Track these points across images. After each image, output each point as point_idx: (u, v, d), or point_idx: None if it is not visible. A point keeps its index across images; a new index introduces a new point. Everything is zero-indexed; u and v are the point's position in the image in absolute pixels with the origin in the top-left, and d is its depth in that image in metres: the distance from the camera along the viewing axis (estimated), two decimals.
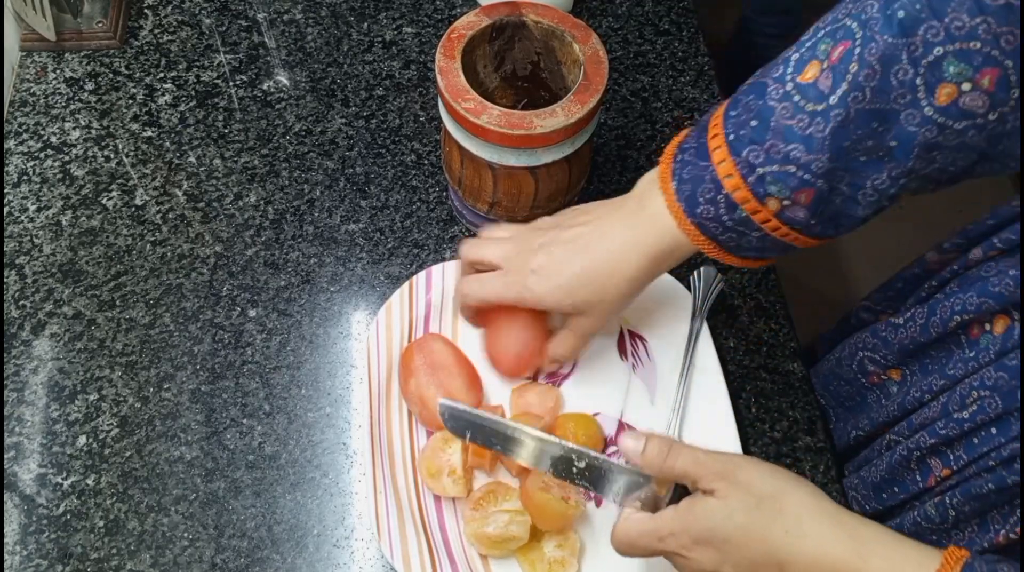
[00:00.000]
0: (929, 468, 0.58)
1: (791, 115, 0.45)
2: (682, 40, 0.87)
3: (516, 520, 0.55)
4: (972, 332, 0.57)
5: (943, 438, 0.56)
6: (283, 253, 0.71)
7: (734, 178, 0.47)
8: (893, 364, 0.64)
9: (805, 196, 0.45)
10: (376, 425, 0.60)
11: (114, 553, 0.58)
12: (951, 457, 0.56)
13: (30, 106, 0.78)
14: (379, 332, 0.64)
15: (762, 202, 0.47)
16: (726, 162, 0.47)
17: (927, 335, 0.60)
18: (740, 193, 0.47)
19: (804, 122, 0.44)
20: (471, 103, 0.59)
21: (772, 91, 0.46)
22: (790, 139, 0.45)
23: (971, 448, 0.54)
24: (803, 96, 0.44)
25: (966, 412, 0.54)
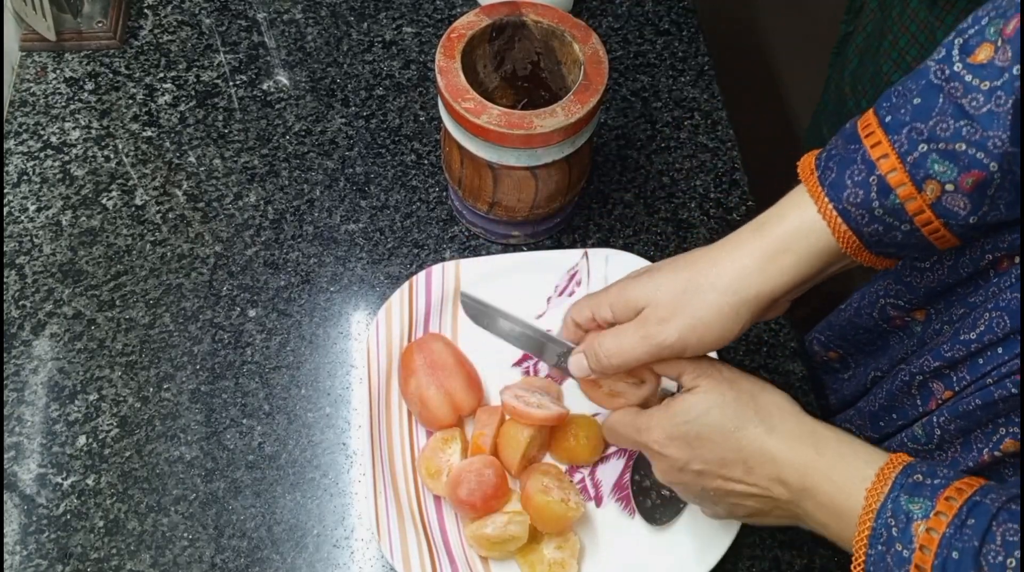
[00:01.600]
0: (931, 392, 0.56)
1: (963, 94, 0.41)
2: (682, 40, 0.87)
3: (515, 520, 0.56)
4: (1001, 265, 0.53)
5: (947, 361, 0.54)
6: (283, 253, 0.71)
7: (890, 158, 0.43)
8: (917, 306, 0.61)
9: (972, 179, 0.41)
10: (376, 425, 0.60)
11: (114, 553, 0.58)
12: (954, 379, 0.54)
13: (30, 106, 0.78)
14: (379, 332, 0.64)
15: (920, 188, 0.42)
16: (881, 143, 0.43)
17: (955, 276, 0.56)
18: (895, 175, 0.42)
19: (979, 100, 0.40)
20: (471, 103, 0.59)
21: (935, 71, 0.42)
22: (961, 116, 0.41)
23: (975, 368, 0.52)
24: (976, 75, 0.41)
25: (974, 333, 0.52)
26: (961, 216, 0.43)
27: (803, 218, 0.46)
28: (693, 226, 0.75)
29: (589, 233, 0.74)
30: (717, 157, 0.79)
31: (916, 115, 0.42)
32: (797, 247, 0.46)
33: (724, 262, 0.47)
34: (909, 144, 0.42)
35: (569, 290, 0.68)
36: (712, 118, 0.82)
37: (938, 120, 0.42)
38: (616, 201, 0.76)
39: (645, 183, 0.77)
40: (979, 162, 0.41)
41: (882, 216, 0.44)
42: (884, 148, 0.43)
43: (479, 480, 0.56)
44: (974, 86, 0.41)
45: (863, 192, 0.44)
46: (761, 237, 0.47)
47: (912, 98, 0.43)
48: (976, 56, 0.41)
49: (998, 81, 0.40)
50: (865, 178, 0.44)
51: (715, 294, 0.47)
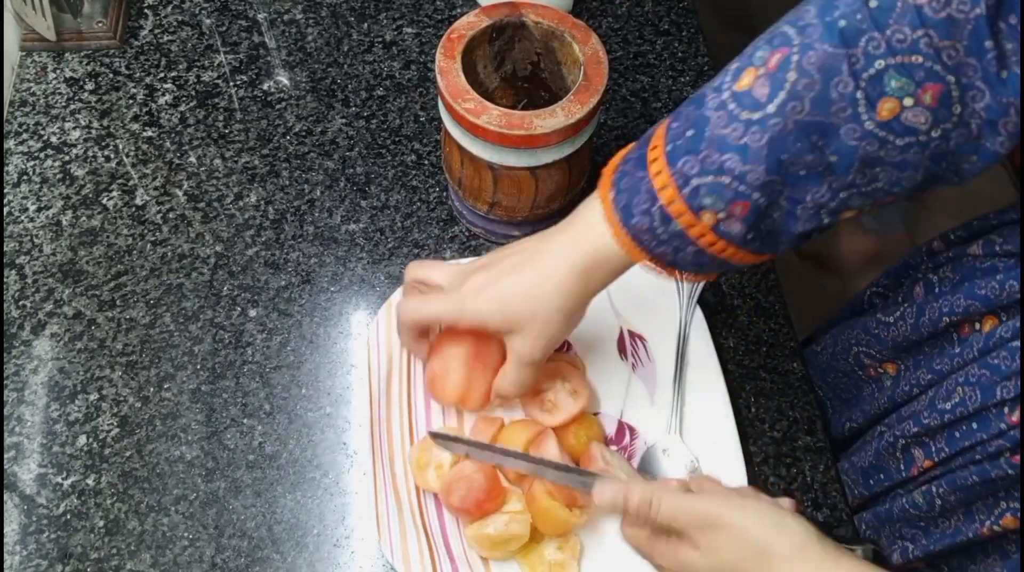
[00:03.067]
0: (912, 458, 0.59)
1: (726, 124, 0.43)
2: (682, 40, 0.87)
3: (516, 519, 0.56)
4: (963, 330, 0.58)
5: (925, 428, 0.56)
6: (283, 253, 0.71)
7: (669, 190, 0.45)
8: (888, 358, 0.65)
9: (741, 209, 0.44)
10: (376, 425, 0.60)
11: (114, 553, 0.58)
12: (932, 449, 0.57)
13: (30, 106, 0.78)
14: (379, 332, 0.64)
15: (697, 215, 0.45)
16: (662, 173, 0.46)
17: (918, 333, 0.60)
18: (675, 206, 0.45)
19: (739, 131, 0.43)
20: (471, 103, 0.60)
21: (709, 100, 0.45)
22: (724, 149, 0.43)
23: (952, 441, 0.55)
24: (738, 104, 0.43)
25: (948, 404, 0.55)
26: (739, 235, 0.46)
27: (602, 238, 0.50)
28: None
29: None
30: None
31: (689, 148, 0.45)
32: (608, 263, 0.50)
33: (551, 283, 0.51)
34: (684, 179, 0.45)
35: None
36: None
37: (706, 154, 0.44)
38: None
39: None
40: (743, 194, 0.44)
41: (668, 240, 0.47)
42: (664, 178, 0.46)
43: (469, 486, 0.56)
44: (735, 115, 0.43)
45: (648, 220, 0.47)
46: (576, 253, 0.50)
47: (688, 128, 0.45)
48: (741, 82, 0.44)
49: (756, 114, 0.42)
50: (648, 208, 0.47)
51: (546, 317, 0.52)
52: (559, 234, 0.52)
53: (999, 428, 0.52)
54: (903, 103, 0.40)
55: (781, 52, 0.42)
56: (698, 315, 0.66)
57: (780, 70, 0.42)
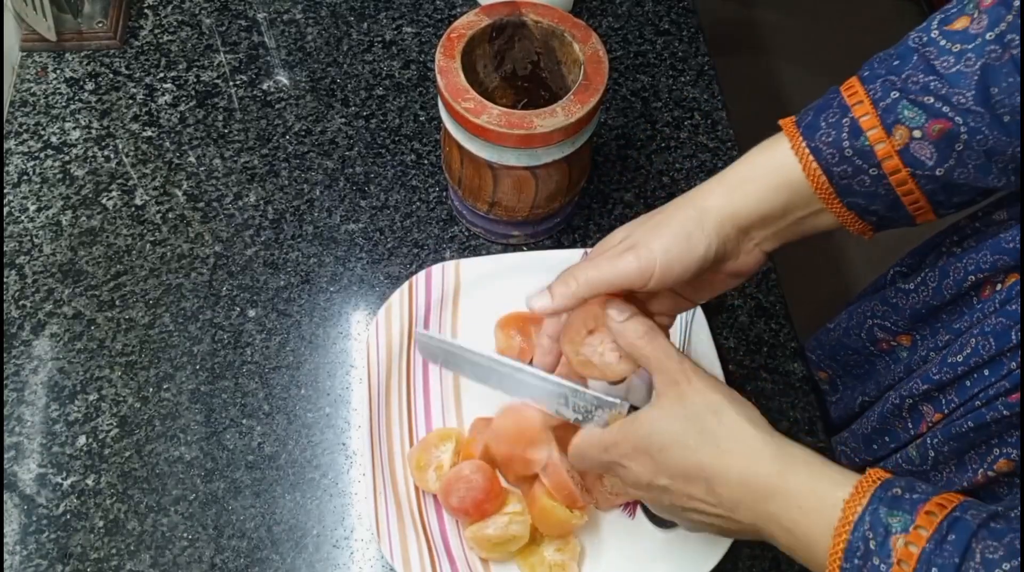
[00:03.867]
0: (921, 415, 0.57)
1: (936, 56, 0.43)
2: (682, 40, 0.87)
3: (516, 520, 0.55)
4: (984, 292, 0.56)
5: (936, 384, 0.55)
6: (283, 253, 0.71)
7: (864, 104, 0.45)
8: (904, 329, 0.63)
9: (939, 128, 0.43)
10: (376, 425, 0.60)
11: (114, 553, 0.58)
12: (943, 401, 0.55)
13: (30, 106, 0.78)
14: (379, 332, 0.64)
15: (889, 132, 0.45)
16: (857, 91, 0.46)
17: (940, 297, 0.58)
18: (868, 119, 0.45)
19: (950, 62, 0.43)
20: (471, 103, 0.59)
21: (914, 38, 0.45)
22: (930, 72, 0.43)
23: (963, 391, 0.53)
24: (950, 40, 0.43)
25: (960, 356, 0.53)
26: (928, 166, 0.45)
27: (772, 156, 0.48)
28: None
29: (589, 233, 0.74)
30: (717, 157, 0.79)
31: (891, 70, 0.45)
32: (763, 178, 0.48)
33: (691, 194, 0.49)
34: (882, 92, 0.45)
35: None
36: (712, 118, 0.82)
37: (911, 74, 0.44)
38: (616, 201, 0.76)
39: (645, 183, 0.77)
40: (944, 114, 0.43)
41: (851, 157, 0.46)
42: (859, 95, 0.46)
43: (468, 487, 0.56)
44: (946, 48, 0.43)
45: (835, 132, 0.46)
46: (728, 172, 0.49)
47: (891, 60, 0.46)
48: (953, 25, 0.44)
49: (970, 45, 0.43)
50: (838, 120, 0.46)
51: (681, 213, 0.48)
52: (721, 172, 0.49)
53: (1009, 369, 0.50)
54: None
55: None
56: (698, 315, 0.66)
57: (999, 6, 0.42)
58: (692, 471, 0.45)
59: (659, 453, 0.45)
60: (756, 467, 0.43)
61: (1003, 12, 0.42)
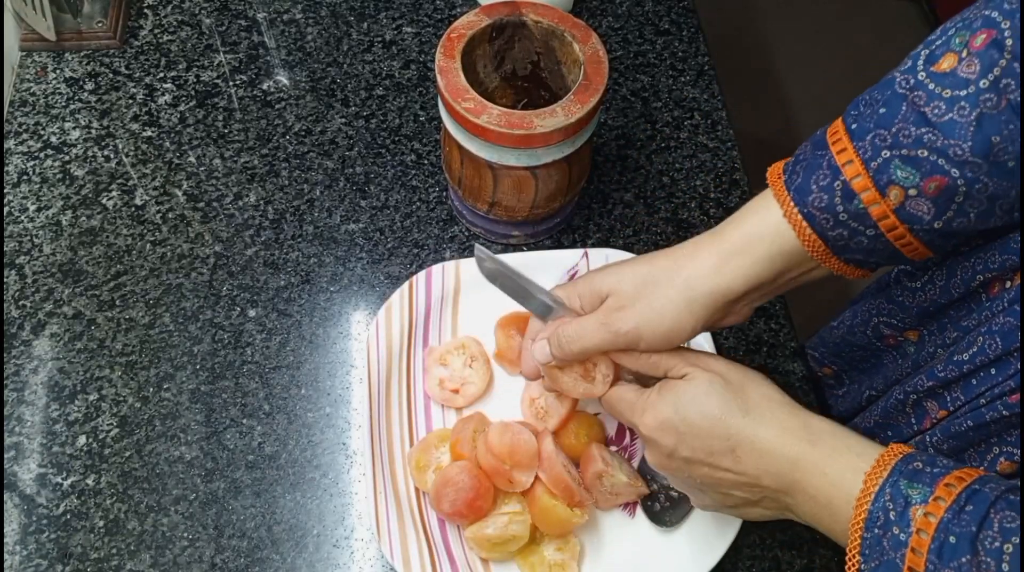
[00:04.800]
0: (925, 411, 0.57)
1: (926, 103, 0.42)
2: (682, 40, 0.87)
3: (516, 520, 0.55)
4: (992, 289, 0.55)
5: (941, 381, 0.55)
6: (283, 253, 0.71)
7: (854, 164, 0.44)
8: (911, 326, 0.62)
9: (936, 185, 0.42)
10: (376, 425, 0.60)
11: (114, 553, 0.58)
12: (948, 399, 0.55)
13: (30, 106, 0.78)
14: (379, 332, 0.64)
15: (883, 193, 0.43)
16: (847, 149, 0.44)
17: (948, 295, 0.58)
18: (860, 181, 0.43)
19: (942, 108, 0.41)
20: (471, 103, 0.59)
21: (900, 82, 0.43)
22: (923, 124, 0.42)
23: (969, 389, 0.53)
24: (939, 84, 0.41)
25: (967, 354, 0.53)
26: (925, 221, 0.44)
27: (763, 222, 0.48)
28: (693, 226, 0.75)
29: (589, 233, 0.74)
30: (717, 157, 0.79)
31: (880, 122, 0.43)
32: (753, 250, 0.47)
33: (682, 260, 0.49)
34: (873, 150, 0.43)
35: None
36: (712, 118, 0.82)
37: (901, 127, 0.43)
38: (616, 201, 0.76)
39: (645, 183, 0.77)
40: (941, 168, 0.42)
41: (847, 221, 0.45)
42: (849, 154, 0.44)
43: (457, 488, 0.56)
44: (936, 94, 0.42)
45: (827, 197, 0.45)
46: (720, 240, 0.49)
47: (878, 107, 0.44)
48: (940, 65, 0.42)
49: (962, 91, 0.41)
50: (830, 183, 0.45)
51: (670, 288, 0.48)
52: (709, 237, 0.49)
53: (1015, 369, 0.50)
54: None
55: (986, 33, 0.40)
56: None
57: (990, 48, 0.40)
58: (718, 443, 0.46)
59: (683, 426, 0.46)
60: (784, 436, 0.45)
61: (996, 56, 0.40)
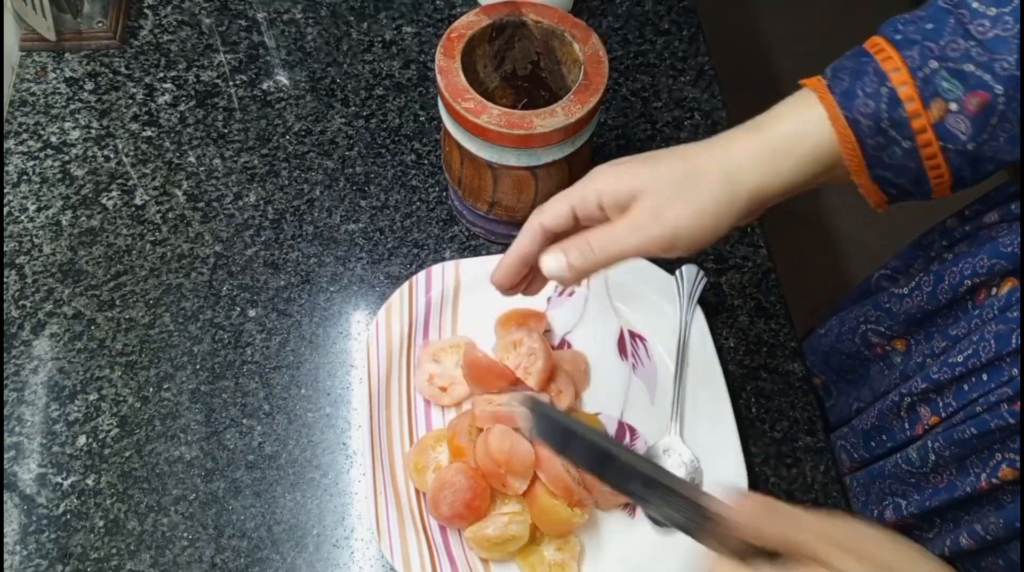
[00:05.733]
0: (918, 416, 0.58)
1: (970, 20, 0.42)
2: (682, 40, 0.87)
3: (516, 520, 0.55)
4: (979, 297, 0.56)
5: (935, 383, 0.55)
6: (283, 253, 0.71)
7: (902, 72, 0.43)
8: (898, 334, 0.63)
9: (977, 101, 0.42)
10: (376, 425, 0.60)
11: (114, 553, 0.58)
12: (940, 404, 0.55)
13: (30, 106, 0.78)
14: (379, 332, 0.64)
15: (927, 105, 0.43)
16: (893, 58, 0.44)
17: (935, 302, 0.58)
18: (906, 89, 0.43)
19: (985, 25, 0.42)
20: (471, 103, 0.59)
21: (941, 2, 0.44)
22: (970, 38, 0.42)
23: (961, 395, 0.53)
24: (981, 2, 0.42)
25: (960, 356, 0.53)
26: (961, 140, 0.43)
27: (805, 122, 0.45)
28: None
29: None
30: None
31: (928, 35, 0.43)
32: (796, 149, 0.45)
33: (721, 154, 0.46)
34: (921, 60, 0.43)
35: (569, 290, 0.68)
36: (712, 118, 0.82)
37: (949, 40, 0.43)
38: None
39: None
40: (985, 84, 0.42)
41: (887, 128, 0.44)
42: (896, 63, 0.43)
43: (454, 492, 0.56)
44: (980, 12, 0.42)
45: (873, 103, 0.44)
46: (759, 136, 0.46)
47: (923, 23, 0.44)
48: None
49: (1006, 8, 0.41)
50: (876, 90, 0.44)
51: (712, 184, 0.44)
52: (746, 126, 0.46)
53: (1010, 375, 0.50)
54: None
55: None
56: (698, 315, 0.66)
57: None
58: None
59: None
60: None
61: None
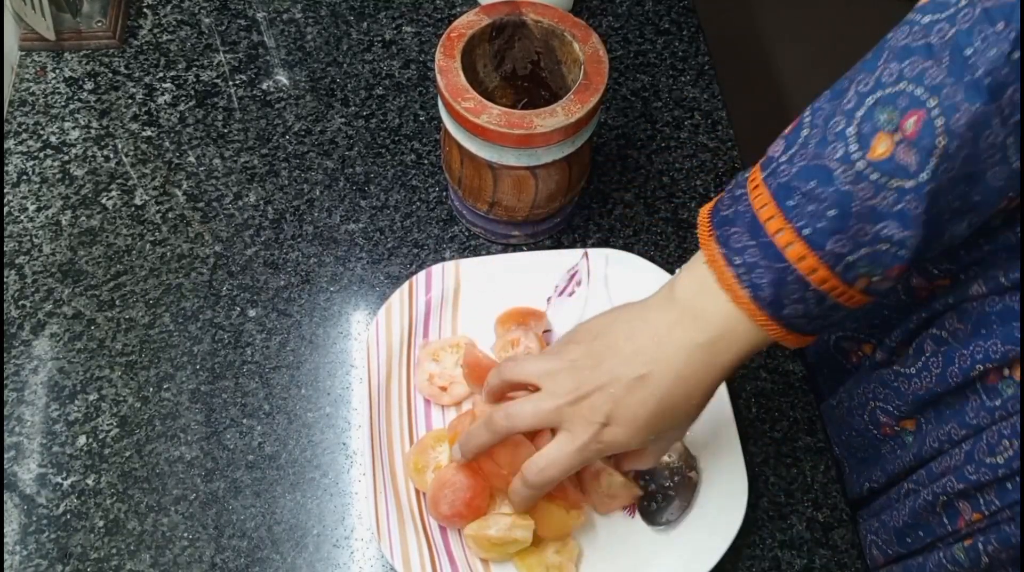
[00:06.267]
0: (957, 511, 0.56)
1: (873, 195, 0.42)
2: (682, 40, 0.87)
3: (519, 525, 0.55)
4: (989, 379, 0.55)
5: (973, 484, 0.54)
6: (283, 253, 0.71)
7: (820, 271, 0.44)
8: (907, 414, 0.62)
9: (898, 270, 0.44)
10: (376, 425, 0.60)
11: (114, 553, 0.58)
12: (982, 502, 0.54)
13: (29, 106, 0.78)
14: (379, 332, 0.64)
15: (851, 285, 0.44)
16: (808, 258, 0.44)
17: (944, 385, 0.57)
18: (829, 284, 0.44)
19: (891, 199, 0.42)
20: (471, 103, 0.59)
21: (840, 175, 0.43)
22: (878, 219, 0.42)
23: (1004, 493, 0.52)
24: (882, 174, 0.42)
25: (1000, 457, 0.52)
26: (885, 290, 0.45)
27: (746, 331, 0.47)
28: (693, 226, 0.75)
29: (589, 233, 0.74)
30: (717, 157, 0.79)
31: (836, 226, 0.43)
32: (747, 355, 0.48)
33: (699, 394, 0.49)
34: (836, 257, 0.43)
35: (569, 290, 0.68)
36: (712, 118, 0.82)
37: (859, 227, 0.42)
38: (616, 201, 0.76)
39: (645, 183, 0.77)
40: (902, 258, 0.43)
41: (821, 314, 0.46)
42: (812, 263, 0.44)
43: (454, 490, 0.56)
44: (883, 184, 0.41)
45: (803, 307, 0.45)
46: (721, 359, 0.48)
47: (827, 210, 0.43)
48: (875, 151, 0.42)
49: (908, 182, 0.41)
50: (802, 295, 0.44)
51: (693, 417, 0.51)
52: (683, 336, 0.48)
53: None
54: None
55: (916, 115, 0.41)
56: None
57: (924, 136, 0.40)
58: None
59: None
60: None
61: (930, 142, 0.40)
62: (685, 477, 0.60)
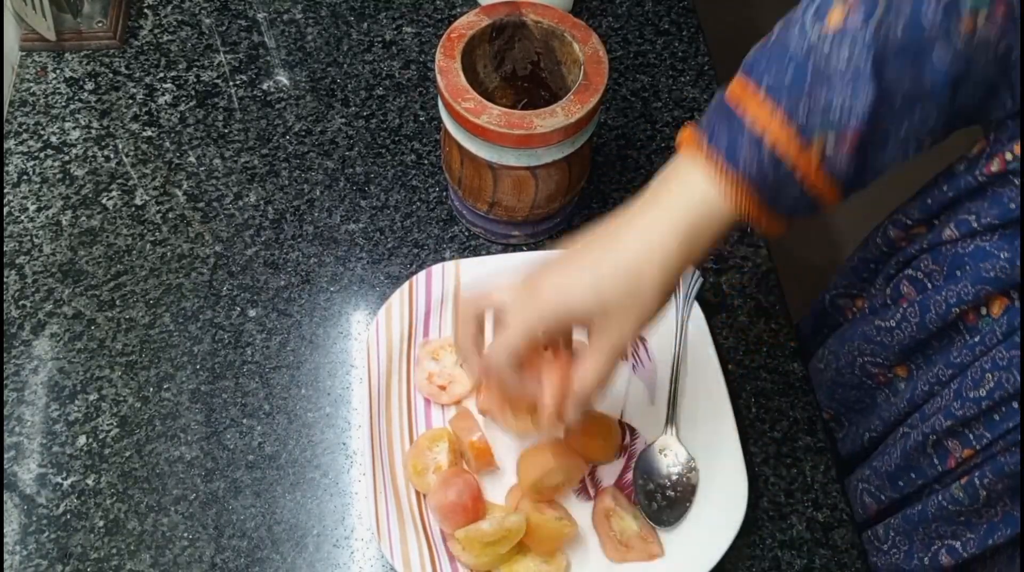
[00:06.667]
0: (947, 450, 0.57)
1: (827, 56, 0.44)
2: (682, 40, 0.87)
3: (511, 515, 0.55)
4: (968, 318, 0.56)
5: (959, 419, 0.55)
6: (283, 253, 0.71)
7: (776, 131, 0.45)
8: (897, 362, 0.63)
9: (852, 136, 0.44)
10: (376, 425, 0.60)
11: (114, 553, 0.58)
12: (971, 437, 0.55)
13: (30, 106, 0.78)
14: (379, 332, 0.64)
15: (807, 148, 0.45)
16: (763, 116, 0.45)
17: (925, 331, 0.59)
18: (782, 146, 0.45)
19: (842, 59, 0.44)
20: (471, 103, 0.59)
21: (797, 44, 0.45)
22: (831, 80, 0.44)
23: (992, 425, 0.53)
24: (833, 39, 0.44)
25: (982, 390, 0.53)
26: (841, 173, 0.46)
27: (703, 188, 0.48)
28: None
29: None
30: None
31: (793, 86, 0.45)
32: (713, 224, 0.48)
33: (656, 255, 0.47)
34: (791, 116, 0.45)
35: None
36: None
37: (813, 88, 0.44)
38: (616, 201, 0.76)
39: (645, 183, 0.77)
40: (856, 116, 0.44)
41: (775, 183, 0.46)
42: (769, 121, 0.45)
43: (457, 489, 0.56)
44: (835, 48, 0.44)
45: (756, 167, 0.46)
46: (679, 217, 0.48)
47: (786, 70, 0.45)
48: (831, 20, 0.44)
49: (856, 47, 0.43)
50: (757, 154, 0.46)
51: (654, 290, 0.47)
52: (644, 207, 0.49)
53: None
54: (977, 20, 0.42)
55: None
56: (698, 315, 0.66)
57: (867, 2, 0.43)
58: None
59: None
60: None
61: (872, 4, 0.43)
62: (685, 477, 0.60)
